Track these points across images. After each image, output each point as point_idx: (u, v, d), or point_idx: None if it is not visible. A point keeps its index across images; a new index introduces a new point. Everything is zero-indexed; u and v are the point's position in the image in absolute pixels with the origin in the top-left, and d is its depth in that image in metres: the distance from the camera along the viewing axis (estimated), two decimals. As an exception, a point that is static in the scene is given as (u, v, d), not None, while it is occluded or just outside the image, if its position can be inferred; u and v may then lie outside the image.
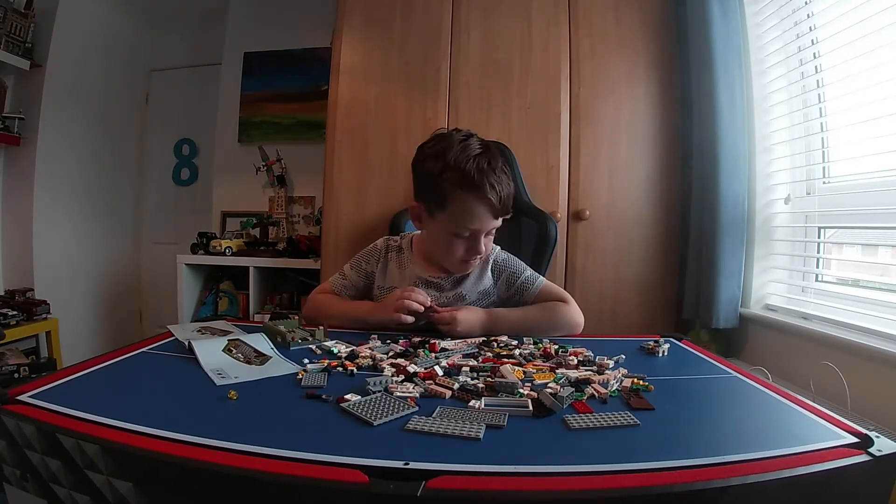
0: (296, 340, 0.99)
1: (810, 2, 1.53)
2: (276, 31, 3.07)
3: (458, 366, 0.85)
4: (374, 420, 0.63)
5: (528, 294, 1.20)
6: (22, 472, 0.59)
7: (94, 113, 3.03)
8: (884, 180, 1.34)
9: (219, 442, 0.56)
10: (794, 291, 1.63)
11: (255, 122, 3.09)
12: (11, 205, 2.69)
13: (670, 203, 1.90)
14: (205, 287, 2.83)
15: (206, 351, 0.87)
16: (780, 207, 1.67)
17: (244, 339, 0.95)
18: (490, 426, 0.62)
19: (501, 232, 1.65)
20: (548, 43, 1.92)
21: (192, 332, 1.03)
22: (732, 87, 1.66)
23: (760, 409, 0.72)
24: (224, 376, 0.79)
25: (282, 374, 0.83)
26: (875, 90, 1.32)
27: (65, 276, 2.86)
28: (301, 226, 3.02)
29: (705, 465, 0.53)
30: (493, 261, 1.23)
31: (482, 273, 1.23)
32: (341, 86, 1.98)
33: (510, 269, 1.23)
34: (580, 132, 1.90)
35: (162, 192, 3.49)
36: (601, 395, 0.74)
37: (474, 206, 1.08)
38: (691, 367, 0.94)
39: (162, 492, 0.53)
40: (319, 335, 1.03)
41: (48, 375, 0.75)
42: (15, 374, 2.11)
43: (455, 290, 1.21)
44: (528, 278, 1.21)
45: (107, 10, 3.06)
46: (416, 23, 1.97)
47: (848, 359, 1.26)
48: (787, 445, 0.57)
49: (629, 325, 1.87)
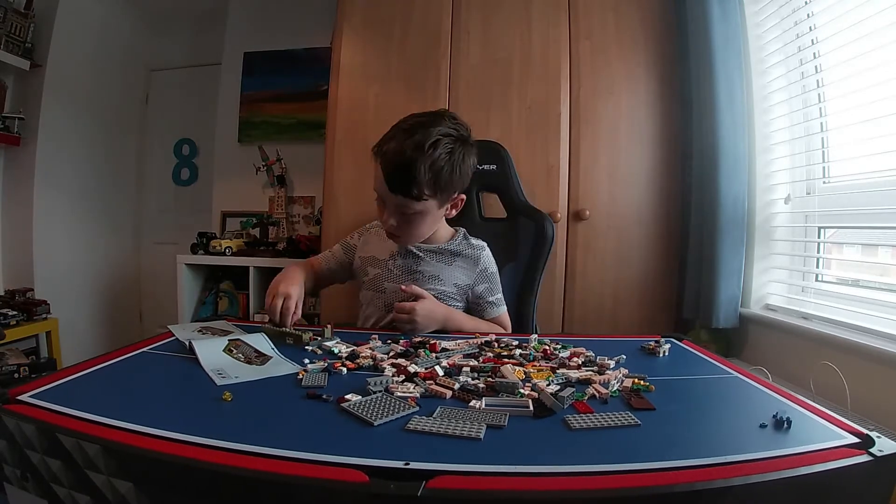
0: (315, 339, 1.01)
1: (810, 2, 1.53)
2: (276, 31, 3.07)
3: (459, 366, 0.85)
4: (374, 420, 0.63)
5: (487, 313, 1.29)
6: (22, 472, 0.59)
7: (94, 113, 3.03)
8: (884, 180, 1.34)
9: (219, 442, 0.56)
10: (794, 291, 1.63)
11: (255, 122, 3.09)
12: (11, 205, 2.68)
13: (670, 203, 1.90)
14: (205, 287, 2.83)
15: (207, 351, 0.87)
16: (780, 207, 1.67)
17: (245, 339, 0.95)
18: (491, 426, 0.62)
19: (500, 231, 1.66)
20: (548, 43, 1.92)
21: (193, 333, 1.03)
22: (732, 87, 1.66)
23: (761, 409, 0.72)
24: (224, 376, 0.79)
25: (282, 375, 0.83)
26: (875, 90, 1.32)
27: (65, 276, 2.86)
28: (301, 226, 3.02)
29: (706, 465, 0.53)
30: (482, 268, 1.29)
31: (467, 270, 1.28)
32: (341, 86, 1.98)
33: (490, 284, 1.30)
34: (580, 132, 1.90)
35: (162, 192, 3.48)
36: (602, 395, 0.74)
37: (376, 167, 1.16)
38: (692, 367, 0.94)
39: (162, 492, 0.53)
40: (328, 333, 1.05)
41: (48, 375, 0.75)
42: (15, 374, 2.10)
43: (432, 269, 1.25)
44: (497, 300, 1.31)
45: (107, 11, 3.06)
46: (416, 23, 1.96)
47: (848, 359, 1.25)
48: (788, 445, 0.58)
49: (629, 325, 1.87)
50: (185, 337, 0.97)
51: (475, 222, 1.73)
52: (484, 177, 1.74)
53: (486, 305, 1.29)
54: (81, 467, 0.54)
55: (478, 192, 1.76)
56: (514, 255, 1.63)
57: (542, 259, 1.59)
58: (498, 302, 1.31)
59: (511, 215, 1.69)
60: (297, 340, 1.01)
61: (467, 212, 1.75)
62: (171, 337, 1.01)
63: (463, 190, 1.23)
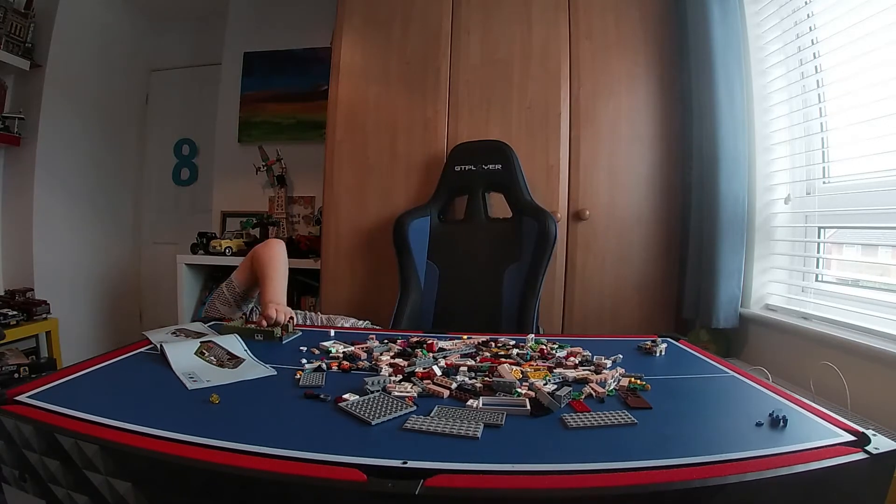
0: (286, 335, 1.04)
1: (810, 2, 1.52)
2: (276, 31, 3.07)
3: (456, 366, 0.85)
4: (372, 419, 0.63)
5: None
6: (20, 473, 0.59)
7: (94, 113, 3.03)
8: (884, 180, 1.34)
9: (218, 441, 0.56)
10: (794, 291, 1.63)
11: (255, 122, 3.09)
12: (11, 205, 2.68)
13: (670, 203, 1.90)
14: (205, 287, 2.83)
15: (178, 355, 0.85)
16: (780, 207, 1.67)
17: (217, 340, 0.93)
18: (488, 425, 0.62)
19: (505, 231, 1.66)
20: (548, 43, 1.92)
21: (167, 335, 1.01)
22: (732, 87, 1.66)
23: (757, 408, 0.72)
24: (196, 380, 0.77)
25: (256, 378, 0.81)
26: (875, 90, 1.32)
27: (65, 276, 2.86)
28: (301, 226, 3.02)
29: (702, 463, 0.53)
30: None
31: None
32: (341, 86, 1.98)
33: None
34: (580, 132, 1.90)
35: (162, 192, 3.48)
36: (599, 394, 0.74)
37: None
38: (688, 366, 0.94)
39: (161, 491, 0.53)
40: (290, 328, 1.08)
41: (48, 375, 0.75)
42: (15, 374, 2.10)
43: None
44: None
45: (107, 11, 3.06)
46: (417, 23, 1.97)
47: (848, 359, 1.25)
48: (783, 444, 0.58)
49: (629, 325, 1.87)
50: (158, 340, 0.94)
51: (481, 223, 1.73)
52: (489, 176, 1.74)
53: None
54: (80, 467, 0.54)
55: (483, 193, 1.77)
56: (517, 255, 1.63)
57: (544, 259, 1.59)
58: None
59: (515, 215, 1.69)
60: (267, 336, 1.03)
61: (472, 213, 1.75)
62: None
63: None
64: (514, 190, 1.70)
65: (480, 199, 1.75)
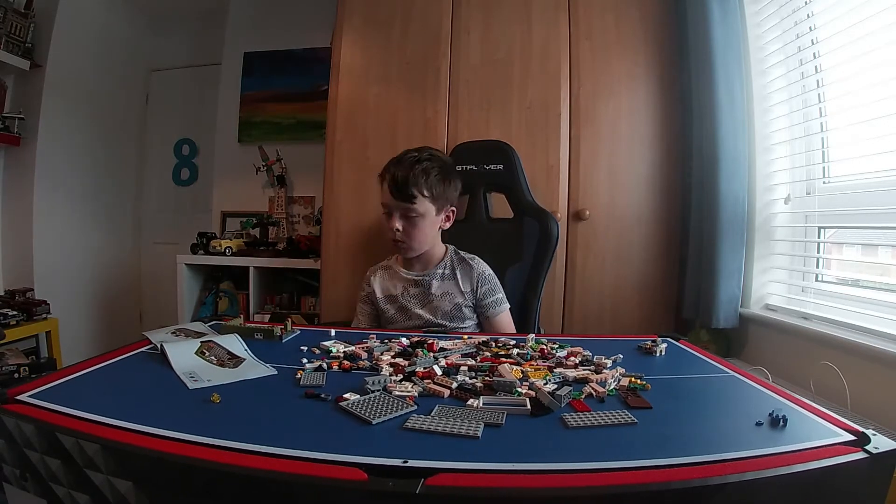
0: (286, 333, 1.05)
1: (810, 2, 1.52)
2: (276, 31, 3.07)
3: (457, 365, 0.86)
4: (372, 419, 0.63)
5: (491, 312, 1.43)
6: (21, 472, 0.59)
7: (94, 113, 3.03)
8: (884, 180, 1.34)
9: (219, 441, 0.56)
10: (793, 291, 1.63)
11: (255, 122, 3.09)
12: (11, 205, 2.69)
13: (670, 203, 1.90)
14: (205, 287, 2.83)
15: (179, 354, 0.85)
16: (780, 207, 1.67)
17: (218, 340, 0.93)
18: (488, 425, 0.62)
19: (506, 232, 1.66)
20: (548, 43, 1.92)
21: (167, 335, 1.01)
22: (732, 87, 1.66)
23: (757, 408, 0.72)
24: (197, 380, 0.78)
25: (256, 377, 0.81)
26: (875, 90, 1.32)
27: (65, 276, 2.86)
28: (301, 226, 3.02)
29: (702, 462, 0.53)
30: (479, 272, 1.44)
31: (467, 277, 1.44)
32: (341, 86, 1.98)
33: (489, 286, 1.44)
34: (580, 132, 1.90)
35: (162, 192, 3.49)
36: (599, 393, 0.74)
37: (382, 183, 1.40)
38: (688, 366, 0.95)
39: (162, 491, 0.53)
40: (289, 327, 1.09)
41: (47, 375, 0.76)
42: (15, 374, 2.11)
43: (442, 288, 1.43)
44: (499, 299, 1.44)
45: (107, 11, 3.06)
46: (416, 23, 1.97)
47: (848, 359, 1.25)
48: (783, 443, 0.58)
49: (629, 325, 1.87)
50: (159, 340, 0.95)
51: (482, 223, 1.73)
52: (490, 176, 1.74)
53: (490, 305, 1.42)
54: (81, 467, 0.54)
55: (484, 193, 1.76)
56: (519, 255, 1.63)
57: (546, 259, 1.60)
58: (500, 301, 1.44)
59: (517, 215, 1.69)
60: (267, 335, 1.04)
61: (474, 213, 1.75)
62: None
63: (453, 203, 1.45)
64: (516, 190, 1.70)
65: (481, 200, 1.75)
